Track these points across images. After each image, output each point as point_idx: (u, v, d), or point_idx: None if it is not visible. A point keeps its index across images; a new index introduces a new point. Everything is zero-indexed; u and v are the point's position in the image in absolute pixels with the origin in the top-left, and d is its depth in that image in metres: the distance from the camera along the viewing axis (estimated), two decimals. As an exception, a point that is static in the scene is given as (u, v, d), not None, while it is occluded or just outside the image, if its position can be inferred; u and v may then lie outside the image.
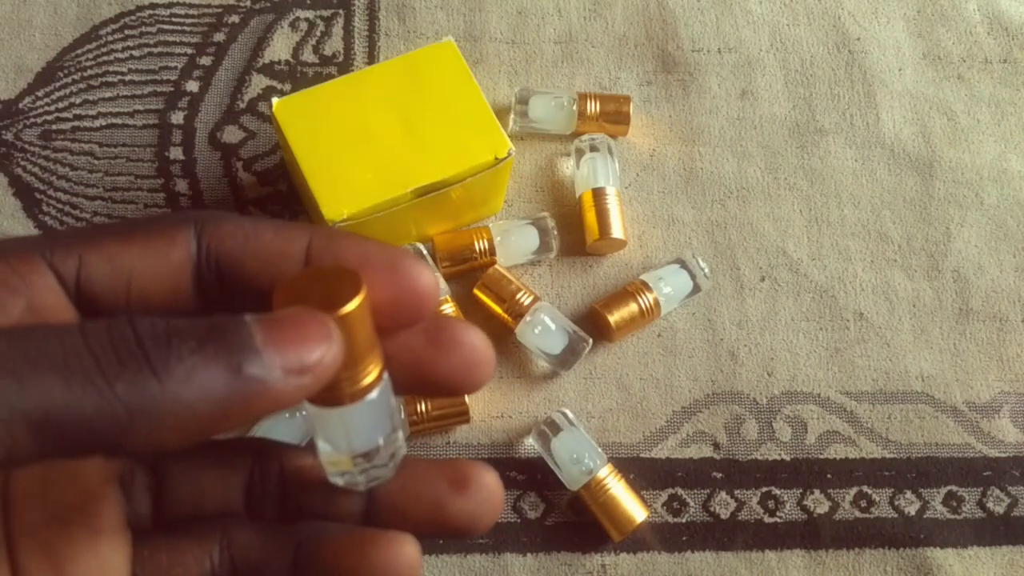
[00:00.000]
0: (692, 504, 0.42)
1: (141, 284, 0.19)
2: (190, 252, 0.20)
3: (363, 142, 0.40)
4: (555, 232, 0.44)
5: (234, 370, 0.16)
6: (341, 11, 0.49)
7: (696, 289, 0.44)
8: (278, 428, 0.40)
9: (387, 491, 0.21)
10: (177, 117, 0.47)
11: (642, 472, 0.43)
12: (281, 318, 0.17)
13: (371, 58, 0.49)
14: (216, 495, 0.22)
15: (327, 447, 0.21)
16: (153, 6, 0.49)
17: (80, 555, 0.20)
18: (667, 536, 0.42)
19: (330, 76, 0.48)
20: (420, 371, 0.20)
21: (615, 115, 0.47)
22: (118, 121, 0.47)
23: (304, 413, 0.40)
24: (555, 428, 0.41)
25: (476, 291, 0.43)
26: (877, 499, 0.43)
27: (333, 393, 0.19)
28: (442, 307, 0.42)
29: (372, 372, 0.19)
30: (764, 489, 0.43)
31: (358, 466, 0.21)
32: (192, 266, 0.20)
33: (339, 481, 0.21)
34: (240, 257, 0.20)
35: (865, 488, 0.43)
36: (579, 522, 0.42)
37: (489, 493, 0.21)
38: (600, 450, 0.41)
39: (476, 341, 0.20)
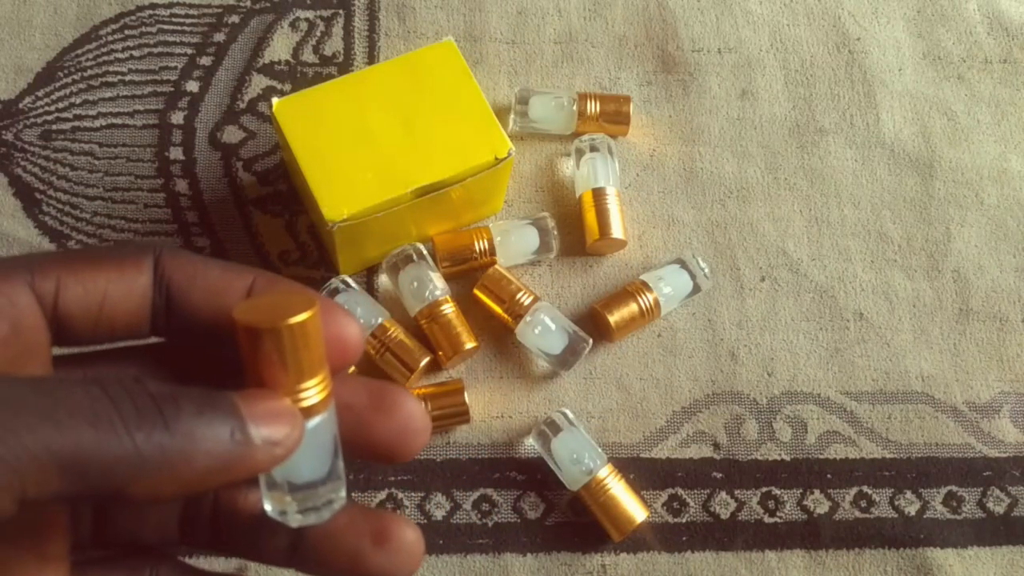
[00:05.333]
0: (692, 504, 0.42)
1: (111, 307, 0.21)
2: (151, 279, 0.21)
3: (363, 142, 0.40)
4: (555, 232, 0.44)
5: (227, 434, 0.18)
6: (341, 11, 0.49)
7: (696, 289, 0.44)
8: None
9: (314, 534, 0.22)
10: (177, 117, 0.47)
11: (642, 472, 0.43)
12: (257, 397, 0.19)
13: (371, 58, 0.49)
14: (154, 520, 0.23)
15: (267, 475, 0.21)
16: (153, 6, 0.49)
17: None
18: (667, 536, 0.42)
19: (330, 76, 0.48)
20: (360, 430, 0.22)
21: (615, 115, 0.47)
22: (118, 121, 0.47)
23: None
24: (555, 428, 0.41)
25: (476, 291, 0.43)
26: (877, 499, 0.43)
27: None
28: (442, 307, 0.42)
29: (316, 396, 0.20)
30: (764, 489, 0.43)
31: (292, 500, 0.21)
32: (151, 293, 0.21)
33: (273, 512, 0.21)
34: (188, 289, 0.21)
35: (865, 488, 0.43)
36: (579, 522, 0.42)
37: (409, 552, 0.22)
38: (600, 450, 0.41)
39: (415, 409, 0.22)
